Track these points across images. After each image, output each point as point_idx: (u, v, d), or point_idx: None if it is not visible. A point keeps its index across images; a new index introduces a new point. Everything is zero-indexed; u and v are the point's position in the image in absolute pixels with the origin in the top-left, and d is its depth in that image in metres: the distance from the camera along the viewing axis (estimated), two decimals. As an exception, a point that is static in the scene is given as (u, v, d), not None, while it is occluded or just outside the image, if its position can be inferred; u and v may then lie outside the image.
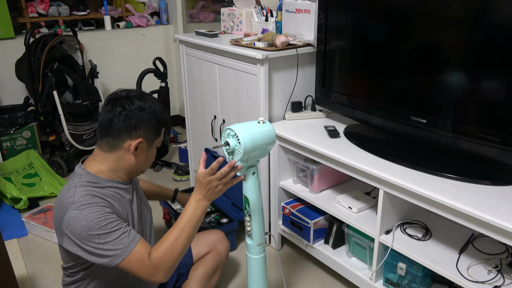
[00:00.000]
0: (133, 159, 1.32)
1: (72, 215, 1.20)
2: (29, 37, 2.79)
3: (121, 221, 1.24)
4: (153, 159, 1.39)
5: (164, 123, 1.35)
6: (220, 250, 1.72)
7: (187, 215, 1.29)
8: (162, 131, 1.36)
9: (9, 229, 2.39)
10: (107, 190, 1.30)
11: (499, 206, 1.26)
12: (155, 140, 1.35)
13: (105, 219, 1.21)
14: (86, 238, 1.19)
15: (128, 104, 1.27)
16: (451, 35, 1.42)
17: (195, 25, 3.46)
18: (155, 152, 1.39)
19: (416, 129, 1.57)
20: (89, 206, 1.21)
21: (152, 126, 1.30)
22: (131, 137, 1.28)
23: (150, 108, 1.30)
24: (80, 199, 1.22)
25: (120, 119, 1.26)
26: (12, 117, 3.00)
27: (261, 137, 1.29)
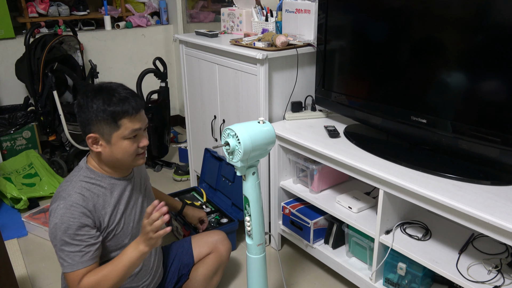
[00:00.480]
0: (101, 154, 1.32)
1: (53, 207, 1.28)
2: (29, 37, 2.79)
3: (86, 237, 1.27)
4: (128, 152, 1.32)
5: (121, 114, 1.27)
6: (221, 250, 1.72)
7: (123, 256, 1.30)
8: (122, 123, 1.28)
9: (9, 229, 2.39)
10: (99, 186, 1.34)
11: (499, 206, 1.26)
12: (114, 133, 1.28)
13: (74, 230, 1.25)
14: (53, 235, 1.26)
15: (83, 100, 1.28)
16: (451, 35, 1.42)
17: (195, 25, 3.46)
18: (130, 146, 1.31)
19: (416, 129, 1.57)
20: (69, 207, 1.26)
21: (102, 120, 1.26)
22: (86, 133, 1.30)
23: (99, 101, 1.26)
24: (67, 195, 1.28)
25: (78, 116, 1.31)
26: (12, 117, 3.00)
27: (261, 137, 1.29)
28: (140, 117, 1.32)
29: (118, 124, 1.28)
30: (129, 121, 1.29)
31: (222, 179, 2.36)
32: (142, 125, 1.33)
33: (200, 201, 2.39)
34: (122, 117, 1.27)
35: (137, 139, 1.33)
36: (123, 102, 1.27)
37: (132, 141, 1.31)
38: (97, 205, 1.32)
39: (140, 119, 1.32)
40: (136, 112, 1.30)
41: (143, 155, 1.38)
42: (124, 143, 1.30)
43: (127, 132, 1.29)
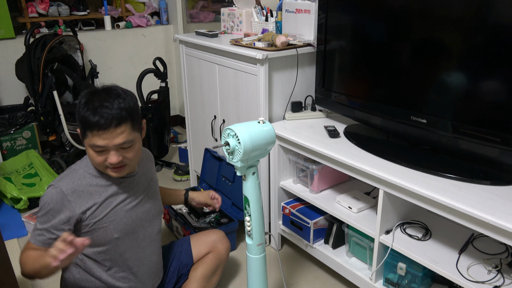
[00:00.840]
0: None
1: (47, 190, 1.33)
2: (29, 37, 2.78)
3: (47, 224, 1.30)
4: (95, 161, 1.28)
5: (86, 124, 1.21)
6: (220, 250, 1.72)
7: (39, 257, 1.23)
8: (89, 133, 1.22)
9: (9, 229, 2.39)
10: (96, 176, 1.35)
11: (499, 206, 1.26)
12: (84, 139, 1.26)
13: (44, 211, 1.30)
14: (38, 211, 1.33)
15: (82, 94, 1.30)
16: (451, 35, 1.42)
17: (195, 25, 3.46)
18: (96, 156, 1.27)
19: (416, 129, 1.57)
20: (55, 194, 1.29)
21: (78, 119, 1.26)
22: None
23: (83, 99, 1.24)
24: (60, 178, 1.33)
25: None
26: (12, 117, 3.00)
27: (261, 137, 1.29)
28: (109, 135, 1.21)
29: (86, 134, 1.24)
30: (92, 136, 1.22)
31: (222, 179, 2.36)
32: (108, 144, 1.22)
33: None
34: (87, 128, 1.22)
35: (104, 154, 1.26)
36: (94, 113, 1.20)
37: (98, 154, 1.26)
38: (82, 199, 1.32)
39: (108, 137, 1.22)
40: (103, 129, 1.20)
41: (115, 170, 1.30)
42: (90, 151, 1.27)
43: (91, 143, 1.24)
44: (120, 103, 1.23)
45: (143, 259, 1.48)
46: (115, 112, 1.21)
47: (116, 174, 1.31)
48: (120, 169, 1.31)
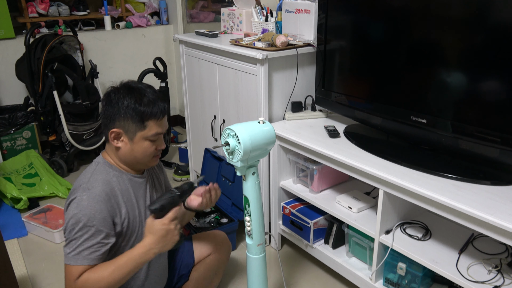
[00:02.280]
0: (120, 150, 1.34)
1: (77, 198, 1.27)
2: (29, 37, 2.79)
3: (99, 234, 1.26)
4: (147, 152, 1.35)
5: (149, 115, 1.30)
6: (222, 251, 1.72)
7: (131, 258, 1.28)
8: (148, 124, 1.31)
9: (9, 229, 2.39)
10: (118, 181, 1.35)
11: (499, 206, 1.26)
12: (138, 132, 1.31)
13: (96, 222, 1.25)
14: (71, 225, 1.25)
15: (114, 95, 1.31)
16: (451, 35, 1.42)
17: (195, 25, 3.46)
18: (150, 147, 1.34)
19: (416, 129, 1.57)
20: (94, 199, 1.26)
21: (130, 118, 1.29)
22: (110, 127, 1.32)
23: (131, 99, 1.29)
24: (92, 186, 1.29)
25: (104, 109, 1.33)
26: (12, 117, 3.00)
27: (261, 137, 1.29)
28: (164, 121, 1.36)
29: (145, 125, 1.31)
30: (155, 124, 1.32)
31: (222, 179, 2.36)
32: (164, 130, 1.37)
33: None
34: (150, 118, 1.31)
35: (157, 142, 1.36)
36: (153, 104, 1.31)
37: (152, 143, 1.35)
38: (118, 201, 1.33)
39: (164, 124, 1.36)
40: (163, 116, 1.34)
41: (158, 157, 1.41)
42: (145, 143, 1.33)
43: (150, 134, 1.32)
44: (159, 95, 1.36)
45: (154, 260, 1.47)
46: (163, 103, 1.35)
47: (157, 161, 1.42)
48: (159, 156, 1.42)
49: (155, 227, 1.27)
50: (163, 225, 1.27)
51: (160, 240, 1.28)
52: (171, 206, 1.30)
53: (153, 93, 1.34)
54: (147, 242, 1.28)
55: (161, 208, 1.27)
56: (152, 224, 1.28)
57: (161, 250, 1.29)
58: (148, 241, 1.28)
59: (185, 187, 1.35)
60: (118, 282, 1.26)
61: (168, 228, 1.28)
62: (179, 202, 1.33)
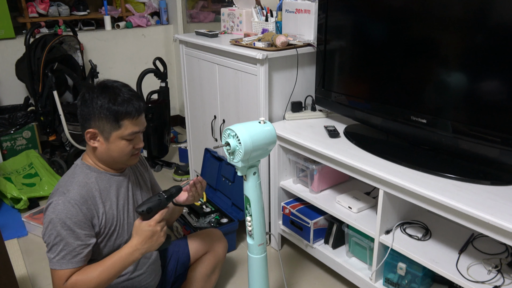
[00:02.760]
0: (97, 150, 1.33)
1: (53, 203, 1.27)
2: (29, 37, 2.79)
3: (80, 236, 1.27)
4: (124, 151, 1.33)
5: (123, 115, 1.28)
6: (218, 249, 1.72)
7: (118, 258, 1.29)
8: (123, 124, 1.29)
9: (9, 229, 2.39)
10: (96, 181, 1.35)
11: (499, 206, 1.26)
12: (114, 132, 1.30)
13: (72, 226, 1.25)
14: (49, 231, 1.26)
15: (88, 94, 1.30)
16: (451, 35, 1.42)
17: (195, 25, 3.46)
18: (127, 146, 1.33)
19: (416, 129, 1.57)
20: (69, 203, 1.26)
21: (104, 117, 1.28)
22: (86, 127, 1.31)
23: (105, 99, 1.27)
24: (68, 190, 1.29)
25: (80, 110, 1.32)
26: (12, 117, 3.00)
27: (261, 137, 1.29)
28: (141, 120, 1.34)
29: (120, 124, 1.29)
30: (130, 123, 1.30)
31: (222, 179, 2.36)
32: (141, 128, 1.35)
33: (200, 201, 2.39)
34: (124, 118, 1.29)
35: (134, 141, 1.35)
36: (127, 103, 1.29)
37: (129, 142, 1.33)
38: (96, 202, 1.33)
39: (141, 122, 1.34)
40: (138, 115, 1.32)
41: (137, 156, 1.40)
42: (121, 143, 1.32)
43: (126, 133, 1.31)
44: (134, 93, 1.34)
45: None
46: (139, 101, 1.32)
47: (136, 160, 1.40)
48: (138, 154, 1.41)
49: (142, 229, 1.29)
50: (149, 227, 1.28)
51: (146, 241, 1.29)
52: (158, 208, 1.30)
53: (129, 92, 1.32)
54: (134, 243, 1.30)
55: (148, 210, 1.28)
56: (139, 225, 1.29)
57: (147, 250, 1.31)
58: (135, 242, 1.30)
59: (172, 190, 1.35)
60: (106, 282, 1.28)
61: (154, 229, 1.29)
62: (166, 205, 1.33)
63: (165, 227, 1.33)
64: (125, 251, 1.30)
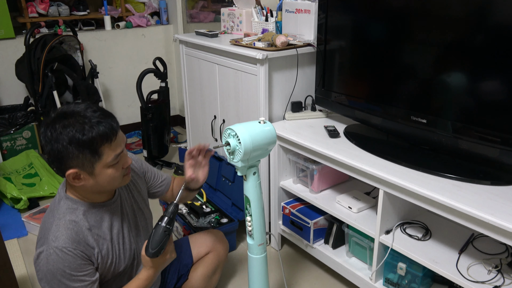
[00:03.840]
0: (84, 186, 1.20)
1: (44, 253, 1.17)
2: (29, 37, 2.79)
3: (86, 278, 1.21)
4: (114, 178, 1.20)
5: (99, 142, 1.12)
6: (219, 250, 1.72)
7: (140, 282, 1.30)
8: (103, 151, 1.13)
9: (9, 229, 2.39)
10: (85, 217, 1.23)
11: (499, 206, 1.26)
12: (96, 164, 1.14)
13: (71, 270, 1.18)
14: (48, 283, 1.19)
15: (50, 132, 1.12)
16: (451, 35, 1.42)
17: (195, 25, 3.46)
18: (116, 171, 1.20)
19: (416, 129, 1.57)
20: (59, 251, 1.17)
21: (79, 153, 1.11)
22: (63, 170, 1.16)
23: (70, 132, 1.10)
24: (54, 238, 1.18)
25: (47, 150, 1.14)
26: (12, 117, 3.00)
27: (261, 137, 1.29)
28: (119, 139, 1.18)
29: (99, 153, 1.13)
30: (109, 148, 1.15)
31: (222, 179, 2.36)
32: (122, 147, 1.20)
33: (200, 201, 2.39)
34: (101, 144, 1.13)
35: (120, 162, 1.21)
36: (98, 127, 1.12)
37: (116, 166, 1.19)
38: (88, 243, 1.23)
39: (120, 142, 1.18)
40: (115, 135, 1.16)
41: (128, 174, 1.28)
42: (108, 171, 1.17)
43: (110, 160, 1.15)
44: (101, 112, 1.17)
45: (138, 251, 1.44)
46: (110, 119, 1.16)
47: (129, 178, 1.29)
48: (129, 171, 1.30)
49: (158, 263, 1.29)
50: (164, 261, 1.30)
51: (161, 267, 1.32)
52: (167, 241, 1.25)
53: (94, 113, 1.13)
54: (150, 274, 1.30)
55: (160, 251, 1.24)
56: (152, 261, 1.28)
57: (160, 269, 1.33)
58: (150, 273, 1.30)
59: (170, 214, 1.24)
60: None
61: (169, 258, 1.31)
62: (172, 232, 1.28)
63: (172, 242, 1.32)
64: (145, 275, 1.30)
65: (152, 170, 1.56)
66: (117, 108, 3.63)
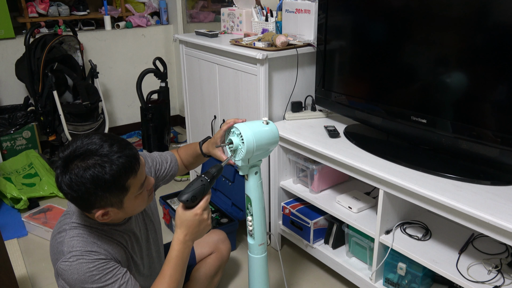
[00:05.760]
0: (112, 219, 1.16)
1: (63, 267, 1.12)
2: (29, 37, 2.79)
3: (116, 270, 1.15)
4: (143, 203, 1.19)
5: (124, 177, 1.08)
6: (222, 251, 1.72)
7: (173, 260, 1.19)
8: (130, 184, 1.10)
9: (9, 229, 2.39)
10: (101, 232, 1.19)
11: (499, 206, 1.26)
12: (124, 198, 1.11)
13: (99, 272, 1.12)
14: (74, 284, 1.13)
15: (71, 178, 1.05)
16: (451, 35, 1.42)
17: (195, 25, 3.46)
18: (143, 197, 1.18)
19: (416, 129, 1.57)
20: (80, 257, 1.12)
21: (106, 193, 1.07)
22: (91, 211, 1.12)
23: (93, 175, 1.04)
24: (69, 248, 1.13)
25: (73, 198, 1.08)
26: (12, 117, 2.99)
27: (264, 137, 1.29)
28: (141, 166, 1.14)
29: (126, 188, 1.10)
30: (134, 179, 1.11)
31: (222, 179, 2.36)
32: (145, 173, 1.17)
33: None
34: (127, 179, 1.09)
35: (145, 186, 1.18)
36: (120, 163, 1.07)
37: (143, 193, 1.18)
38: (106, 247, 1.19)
39: (142, 169, 1.14)
40: (138, 165, 1.11)
41: (152, 193, 1.26)
42: (137, 200, 1.16)
43: (136, 190, 1.13)
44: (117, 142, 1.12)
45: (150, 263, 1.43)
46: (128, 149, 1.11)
47: (152, 197, 1.27)
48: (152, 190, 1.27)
49: (187, 219, 1.18)
50: (195, 216, 1.17)
51: (194, 231, 1.19)
52: (203, 195, 1.19)
53: (111, 147, 1.07)
54: (181, 236, 1.19)
55: (192, 199, 1.17)
56: (183, 215, 1.18)
57: (195, 239, 1.21)
58: (181, 236, 1.19)
59: (213, 171, 1.21)
60: (179, 284, 1.21)
61: (201, 218, 1.18)
62: (209, 189, 1.22)
63: (210, 213, 1.23)
64: (176, 249, 1.19)
65: (157, 160, 1.46)
66: (117, 108, 3.63)
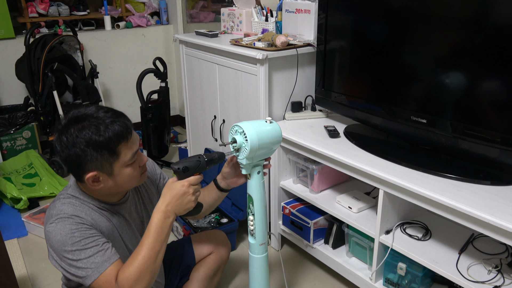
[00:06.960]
0: (103, 188, 1.21)
1: (49, 229, 1.17)
2: (29, 37, 2.79)
3: (98, 238, 1.18)
4: (133, 177, 1.23)
5: (116, 141, 1.14)
6: (222, 251, 1.72)
7: (153, 230, 1.17)
8: (121, 150, 1.16)
9: (9, 229, 2.39)
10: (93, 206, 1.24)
11: (499, 206, 1.26)
12: (115, 164, 1.17)
13: (80, 235, 1.15)
14: (61, 254, 1.16)
15: (66, 137, 1.13)
16: (451, 35, 1.42)
17: (195, 25, 3.46)
18: (134, 170, 1.22)
19: (416, 129, 1.57)
20: (65, 219, 1.17)
21: (97, 155, 1.13)
22: (82, 174, 1.17)
23: (87, 135, 1.12)
24: (58, 211, 1.18)
25: (64, 155, 1.15)
26: (12, 117, 3.00)
27: (268, 136, 1.29)
28: (134, 137, 1.21)
29: (117, 153, 1.16)
30: (126, 147, 1.17)
31: (222, 179, 2.36)
32: (137, 145, 1.22)
33: (200, 201, 2.39)
34: (118, 143, 1.15)
35: (137, 160, 1.23)
36: (113, 127, 1.14)
37: (133, 165, 1.22)
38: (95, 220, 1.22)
39: (135, 140, 1.21)
40: (130, 133, 1.19)
41: (145, 173, 1.30)
42: (127, 170, 1.20)
43: (127, 159, 1.18)
44: (113, 112, 1.20)
45: None
46: (123, 118, 1.19)
47: (145, 177, 1.30)
48: (146, 169, 1.31)
49: (173, 187, 1.19)
50: (182, 186, 1.18)
51: (176, 202, 1.18)
52: (196, 170, 1.19)
53: (107, 114, 1.16)
54: (163, 206, 1.18)
55: (184, 170, 1.17)
56: (171, 184, 1.20)
57: (175, 211, 1.19)
58: (164, 204, 1.19)
59: (214, 155, 1.22)
60: (156, 258, 1.18)
61: (186, 190, 1.18)
62: (205, 169, 1.21)
63: (198, 193, 1.22)
64: (156, 218, 1.18)
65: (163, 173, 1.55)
66: (117, 108, 3.58)
